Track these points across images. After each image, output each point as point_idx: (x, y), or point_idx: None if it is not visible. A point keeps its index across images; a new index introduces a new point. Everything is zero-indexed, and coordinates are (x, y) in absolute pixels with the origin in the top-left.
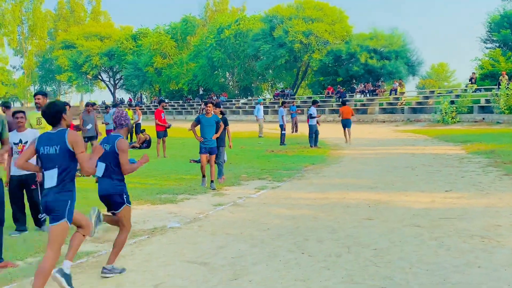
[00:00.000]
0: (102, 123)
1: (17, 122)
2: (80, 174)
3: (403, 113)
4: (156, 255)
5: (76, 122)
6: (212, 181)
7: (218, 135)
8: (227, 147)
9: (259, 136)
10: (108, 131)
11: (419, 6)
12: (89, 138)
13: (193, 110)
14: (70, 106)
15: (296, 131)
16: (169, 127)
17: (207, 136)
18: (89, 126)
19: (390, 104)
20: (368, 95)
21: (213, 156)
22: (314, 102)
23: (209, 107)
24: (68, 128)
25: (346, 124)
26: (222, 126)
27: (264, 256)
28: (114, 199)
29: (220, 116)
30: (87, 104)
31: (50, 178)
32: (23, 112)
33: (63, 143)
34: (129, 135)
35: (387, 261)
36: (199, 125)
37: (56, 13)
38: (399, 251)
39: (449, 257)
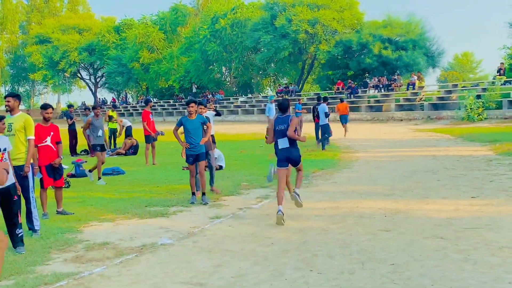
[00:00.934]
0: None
1: None
2: None
3: (423, 110)
4: (145, 276)
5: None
6: (203, 194)
7: (206, 138)
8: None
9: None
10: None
11: None
12: (101, 147)
13: (185, 110)
14: (52, 108)
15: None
16: (159, 134)
17: (193, 141)
18: (100, 133)
19: (408, 100)
20: (383, 90)
21: (202, 163)
22: (325, 99)
23: (192, 107)
24: None
25: (342, 120)
26: (210, 127)
27: (267, 275)
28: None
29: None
30: (96, 107)
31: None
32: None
33: None
34: (112, 141)
35: (406, 278)
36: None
37: (29, 4)
38: (419, 267)
39: (475, 272)
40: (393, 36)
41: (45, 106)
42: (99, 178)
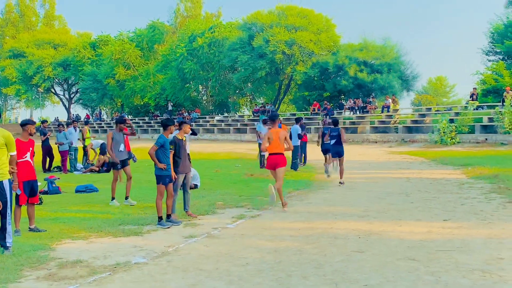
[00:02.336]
0: (56, 143)
1: None
2: None
3: (397, 133)
4: None
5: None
6: (169, 216)
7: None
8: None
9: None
10: (62, 153)
11: (413, 14)
12: (123, 163)
13: (160, 128)
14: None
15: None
16: (134, 160)
17: (169, 162)
18: (121, 147)
19: (383, 122)
20: (358, 112)
21: (171, 186)
22: (298, 120)
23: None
24: None
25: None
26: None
27: None
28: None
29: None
30: (121, 120)
31: None
32: None
33: None
34: (83, 157)
35: None
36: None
37: (3, 18)
38: None
39: None
40: (369, 59)
41: (29, 122)
42: (127, 197)
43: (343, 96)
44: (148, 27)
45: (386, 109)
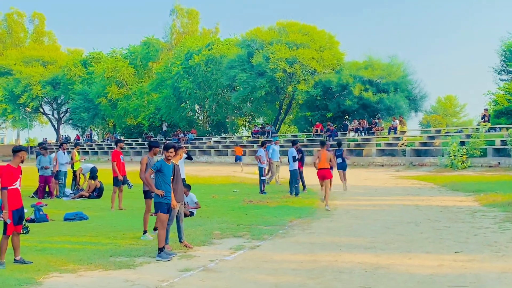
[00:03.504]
0: (44, 168)
1: None
2: None
3: (405, 156)
4: None
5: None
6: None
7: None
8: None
9: (277, 183)
10: (44, 178)
11: (421, 31)
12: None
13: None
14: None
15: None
16: (129, 187)
17: (170, 189)
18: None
19: (389, 144)
20: (363, 133)
21: (174, 212)
22: (294, 143)
23: (171, 152)
24: None
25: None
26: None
27: None
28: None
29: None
30: (155, 144)
31: None
32: None
33: None
34: (72, 181)
35: None
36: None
37: None
38: None
39: None
40: (374, 78)
41: (23, 148)
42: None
43: (347, 117)
44: (142, 44)
45: (393, 130)
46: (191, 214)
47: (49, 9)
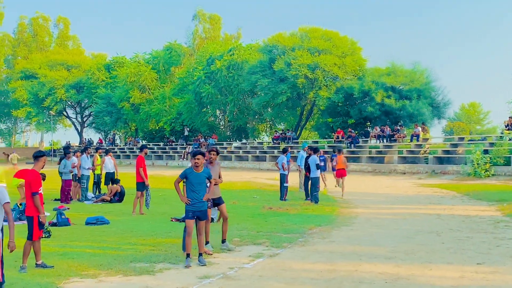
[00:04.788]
0: (69, 172)
1: None
2: None
3: (427, 164)
4: None
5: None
6: (200, 255)
7: (210, 195)
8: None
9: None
10: (67, 182)
11: (445, 37)
12: (217, 201)
13: (176, 154)
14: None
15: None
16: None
17: (196, 197)
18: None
19: (411, 152)
20: (385, 140)
21: (203, 223)
22: (316, 150)
23: (198, 159)
24: None
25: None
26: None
27: None
28: None
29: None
30: (213, 149)
31: None
32: None
33: None
34: (95, 186)
35: None
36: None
37: (16, 37)
38: None
39: None
40: (397, 85)
41: (45, 153)
42: (224, 240)
43: (369, 124)
44: (164, 49)
45: (415, 137)
46: (212, 220)
47: (74, 13)
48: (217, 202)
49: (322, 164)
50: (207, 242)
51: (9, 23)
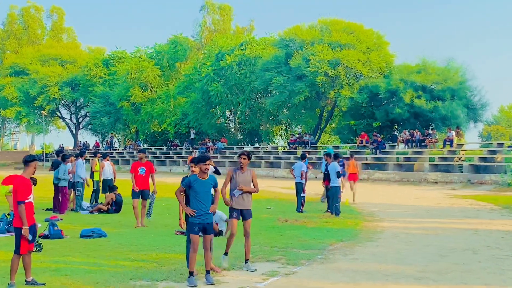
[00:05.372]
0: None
1: None
2: None
3: (462, 172)
4: None
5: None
6: (208, 272)
7: (216, 206)
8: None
9: (322, 200)
10: (61, 189)
11: (483, 31)
12: (245, 214)
13: (181, 159)
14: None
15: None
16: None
17: (203, 207)
18: (237, 193)
19: (444, 159)
20: (414, 146)
21: (210, 237)
22: (336, 156)
23: (207, 164)
24: None
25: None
26: (218, 191)
27: None
28: None
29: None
30: (243, 153)
31: None
32: None
33: None
34: (93, 194)
35: None
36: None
37: (5, 29)
38: None
39: None
40: (428, 84)
41: (37, 158)
42: (226, 253)
43: (396, 127)
44: (169, 42)
45: (449, 143)
46: (220, 233)
47: (69, 3)
48: (244, 215)
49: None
50: (225, 253)
51: None
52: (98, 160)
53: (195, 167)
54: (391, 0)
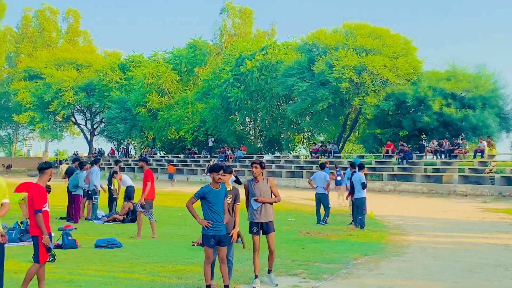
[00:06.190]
0: (77, 186)
1: None
2: None
3: (493, 185)
4: None
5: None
6: (226, 287)
7: (228, 216)
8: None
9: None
10: (75, 197)
11: None
12: (267, 227)
13: (199, 168)
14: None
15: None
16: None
17: (217, 218)
18: (256, 205)
19: (475, 170)
20: (443, 156)
21: (224, 249)
22: (361, 167)
23: (222, 175)
24: None
25: None
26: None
27: None
28: None
29: (230, 187)
30: (255, 162)
31: None
32: None
33: None
34: (111, 203)
35: None
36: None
37: (19, 32)
38: None
39: None
40: (458, 91)
41: (52, 165)
42: (270, 270)
43: (424, 136)
44: (187, 47)
45: (480, 153)
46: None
47: (85, 5)
48: (265, 229)
49: (339, 178)
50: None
51: (12, 15)
52: (113, 174)
53: (223, 175)
54: (419, 4)
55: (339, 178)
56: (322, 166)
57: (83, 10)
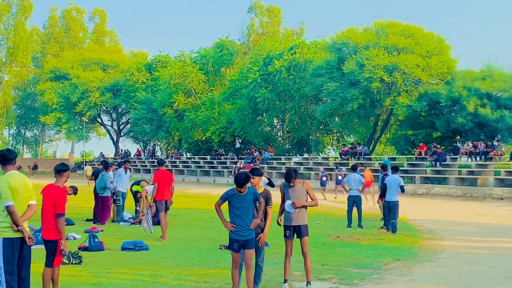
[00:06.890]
0: (105, 188)
1: None
2: None
3: None
4: None
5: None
6: None
7: (258, 220)
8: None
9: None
10: (103, 199)
11: None
12: (299, 230)
13: (225, 170)
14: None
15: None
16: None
17: (241, 223)
18: (288, 207)
19: (511, 173)
20: (478, 158)
21: (251, 253)
22: (396, 169)
23: (252, 178)
24: None
25: None
26: (263, 203)
27: None
28: None
29: (261, 190)
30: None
31: None
32: None
33: None
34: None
35: None
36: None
37: (46, 32)
38: None
39: None
40: (494, 91)
41: (68, 167)
42: (308, 282)
43: (458, 138)
44: (214, 46)
45: None
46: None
47: (111, 5)
48: (299, 232)
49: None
50: (285, 281)
51: (39, 15)
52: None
53: (253, 178)
54: (453, 2)
55: (339, 177)
56: (355, 168)
57: (109, 10)
